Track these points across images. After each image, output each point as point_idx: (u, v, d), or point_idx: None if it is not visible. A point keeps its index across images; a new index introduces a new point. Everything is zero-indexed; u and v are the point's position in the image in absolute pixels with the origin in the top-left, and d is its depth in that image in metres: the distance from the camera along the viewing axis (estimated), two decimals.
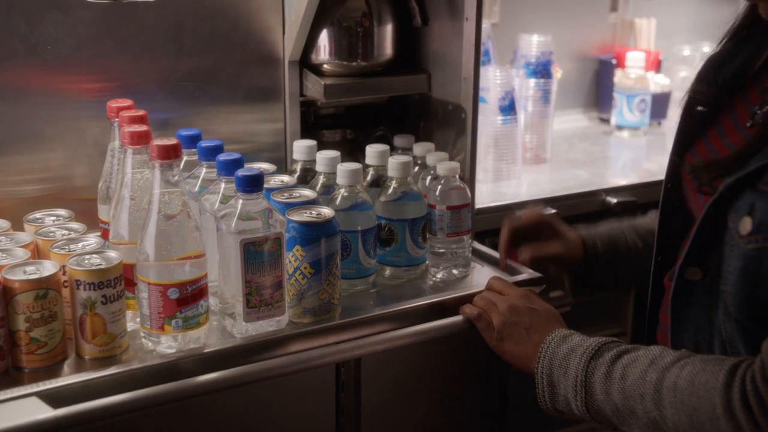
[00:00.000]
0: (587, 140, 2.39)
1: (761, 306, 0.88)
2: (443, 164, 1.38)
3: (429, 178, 1.45)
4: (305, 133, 1.57)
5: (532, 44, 2.09)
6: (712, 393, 0.86)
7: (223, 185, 1.22)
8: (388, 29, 1.54)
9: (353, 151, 1.66)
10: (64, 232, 1.22)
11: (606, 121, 2.53)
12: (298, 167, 1.44)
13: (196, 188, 1.28)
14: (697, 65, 2.62)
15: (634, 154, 2.35)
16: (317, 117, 1.68)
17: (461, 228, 1.39)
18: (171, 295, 1.09)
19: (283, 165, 1.55)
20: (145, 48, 1.41)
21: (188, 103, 1.45)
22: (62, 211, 1.29)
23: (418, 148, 1.51)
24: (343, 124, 1.70)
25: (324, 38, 1.52)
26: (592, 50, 2.59)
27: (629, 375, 0.95)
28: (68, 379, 1.05)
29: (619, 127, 2.42)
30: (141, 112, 1.23)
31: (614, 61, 2.53)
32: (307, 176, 1.43)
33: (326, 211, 1.21)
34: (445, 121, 1.56)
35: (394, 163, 1.36)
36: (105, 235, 1.26)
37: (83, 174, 1.41)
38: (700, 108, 1.07)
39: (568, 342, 1.05)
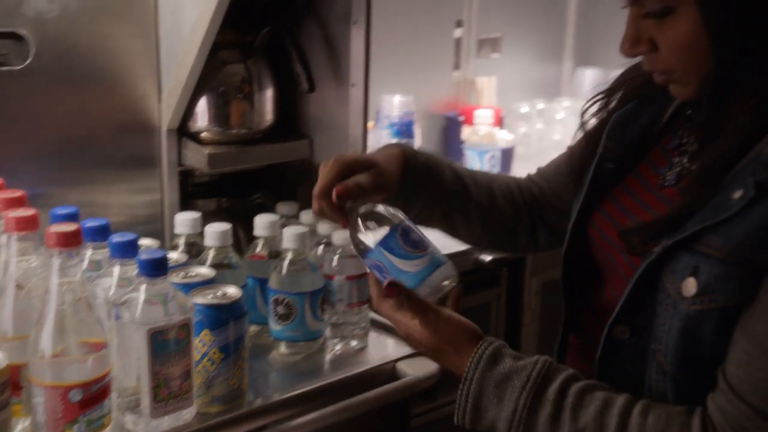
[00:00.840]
0: None
1: (701, 364, 0.91)
2: (340, 233, 1.35)
3: (321, 247, 1.41)
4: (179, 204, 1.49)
5: (394, 105, 2.11)
6: None
7: (117, 268, 1.12)
8: (269, 95, 1.50)
9: (230, 221, 1.59)
10: None
11: None
12: (182, 241, 1.36)
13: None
14: (533, 122, 2.76)
15: None
16: (190, 186, 1.60)
17: (361, 298, 1.36)
18: (73, 397, 0.98)
19: (161, 238, 1.46)
20: (9, 120, 1.29)
21: (59, 177, 1.34)
22: None
23: (306, 216, 1.47)
24: (217, 193, 1.63)
25: (203, 105, 1.45)
26: (438, 107, 2.66)
27: (581, 418, 0.93)
28: None
29: None
30: (19, 193, 1.11)
31: (461, 118, 2.61)
32: (191, 251, 1.35)
33: (232, 291, 1.14)
34: None
35: (290, 234, 1.31)
36: None
37: None
38: (610, 165, 1.10)
39: (500, 365, 0.98)
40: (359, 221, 1.05)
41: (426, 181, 1.18)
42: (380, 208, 1.06)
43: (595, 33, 3.08)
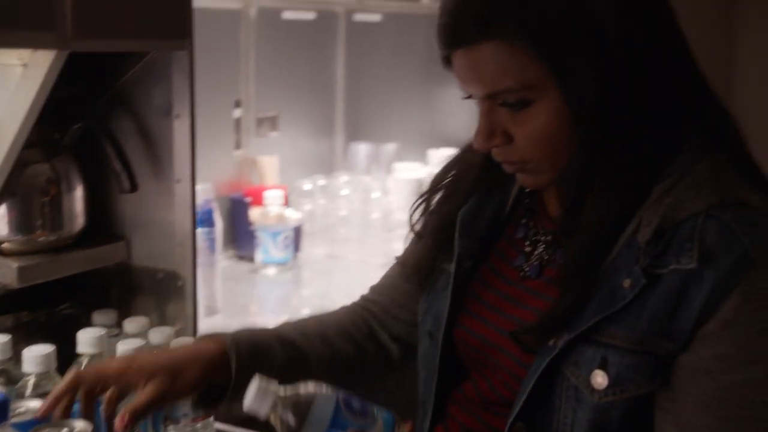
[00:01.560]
0: (240, 282, 2.35)
1: None
2: (179, 342, 1.25)
3: None
4: None
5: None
6: None
7: None
8: (79, 195, 1.36)
9: (33, 338, 1.42)
10: None
11: (245, 258, 2.52)
12: None
13: None
14: (316, 198, 2.77)
15: (306, 291, 2.38)
16: None
17: None
18: None
19: None
20: None
21: None
22: None
23: (130, 325, 1.34)
24: (14, 305, 1.44)
25: (2, 212, 1.29)
26: (222, 190, 2.58)
27: None
28: None
29: (266, 264, 2.43)
30: None
31: (247, 200, 2.55)
32: (2, 380, 1.18)
33: (80, 426, 1.00)
34: (152, 289, 1.41)
35: (126, 349, 1.19)
36: None
37: None
38: (468, 263, 1.10)
39: None
40: (282, 415, 0.92)
41: (257, 365, 1.07)
42: (304, 388, 0.94)
43: (362, 109, 3.18)
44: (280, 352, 1.12)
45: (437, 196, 1.18)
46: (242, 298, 2.23)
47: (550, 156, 0.96)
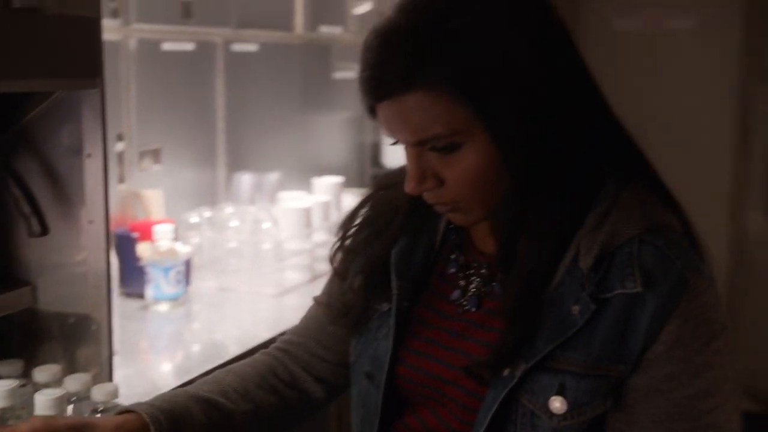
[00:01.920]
0: (131, 320, 2.28)
1: None
2: (100, 388, 1.21)
3: (72, 406, 1.24)
4: None
5: None
6: None
7: None
8: None
9: None
10: None
11: (133, 295, 2.45)
12: None
13: None
14: (203, 231, 2.73)
15: (197, 324, 2.33)
16: None
17: None
18: None
19: None
20: None
21: None
22: None
23: (42, 374, 1.28)
24: None
25: None
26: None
27: None
28: None
29: (157, 301, 2.37)
30: None
31: (134, 235, 2.48)
32: None
33: None
34: (61, 335, 1.36)
35: (44, 400, 1.13)
36: None
37: None
38: (405, 303, 1.10)
39: None
40: None
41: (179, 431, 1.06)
42: None
43: (243, 139, 3.16)
44: (201, 414, 1.09)
45: (354, 236, 1.18)
46: (134, 336, 2.17)
47: (482, 195, 0.99)
